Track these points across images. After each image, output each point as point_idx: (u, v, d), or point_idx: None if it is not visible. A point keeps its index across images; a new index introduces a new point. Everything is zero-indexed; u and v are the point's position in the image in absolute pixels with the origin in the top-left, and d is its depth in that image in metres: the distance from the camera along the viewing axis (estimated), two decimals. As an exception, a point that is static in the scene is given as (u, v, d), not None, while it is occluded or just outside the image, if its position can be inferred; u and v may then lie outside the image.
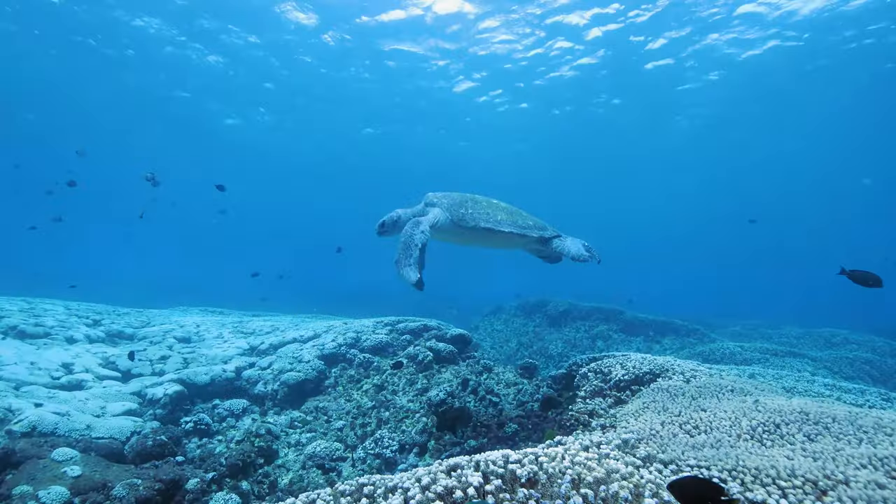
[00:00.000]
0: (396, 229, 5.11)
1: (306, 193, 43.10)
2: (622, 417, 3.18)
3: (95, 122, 26.78)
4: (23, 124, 27.32)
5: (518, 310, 17.62)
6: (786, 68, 19.02)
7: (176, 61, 20.17)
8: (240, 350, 8.02)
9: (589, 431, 3.24)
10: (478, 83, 21.78)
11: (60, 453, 4.49)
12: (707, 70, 19.93)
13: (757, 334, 16.32)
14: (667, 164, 31.82)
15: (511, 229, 5.15)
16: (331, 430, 5.94)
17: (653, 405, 3.19)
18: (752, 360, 10.02)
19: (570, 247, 5.32)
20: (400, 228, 5.02)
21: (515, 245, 5.69)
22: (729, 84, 20.63)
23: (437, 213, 5.08)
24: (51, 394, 5.47)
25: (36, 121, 27.01)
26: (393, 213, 5.28)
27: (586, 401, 3.97)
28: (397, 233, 5.07)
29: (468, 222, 5.07)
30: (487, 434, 5.43)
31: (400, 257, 4.58)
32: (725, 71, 19.80)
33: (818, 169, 31.41)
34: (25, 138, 29.12)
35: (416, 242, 4.62)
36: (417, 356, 7.33)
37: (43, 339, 7.51)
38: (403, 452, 5.33)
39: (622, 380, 4.15)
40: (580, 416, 3.69)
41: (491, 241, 5.51)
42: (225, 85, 22.37)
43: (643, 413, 3.09)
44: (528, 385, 6.80)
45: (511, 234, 5.16)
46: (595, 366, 4.73)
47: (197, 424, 5.80)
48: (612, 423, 3.22)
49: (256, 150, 31.52)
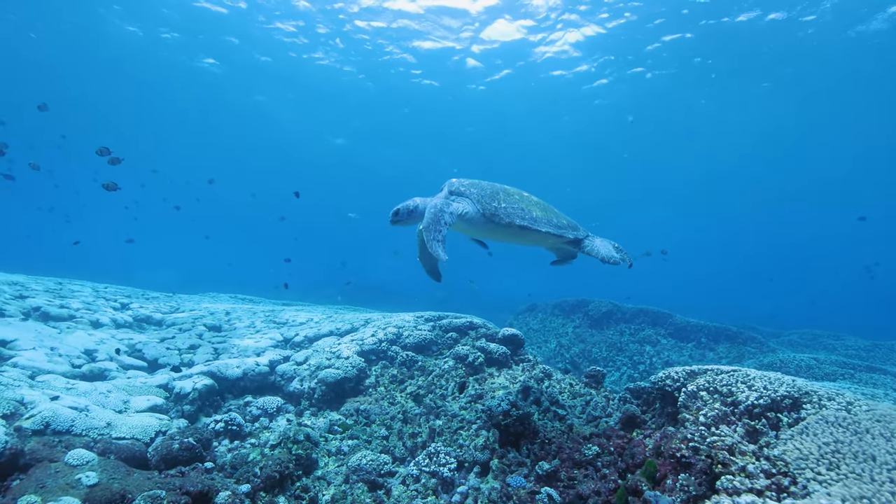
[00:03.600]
0: (412, 219, 4.54)
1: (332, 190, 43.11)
2: (797, 465, 2.35)
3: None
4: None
5: (556, 309, 16.71)
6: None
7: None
8: (273, 342, 7.40)
9: (747, 479, 2.41)
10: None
11: (76, 456, 3.89)
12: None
13: (818, 344, 15.03)
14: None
15: (548, 229, 4.61)
16: (375, 438, 5.24)
17: (838, 449, 2.35)
18: (833, 374, 8.93)
19: (601, 248, 4.83)
20: (416, 219, 4.51)
21: (545, 244, 5.17)
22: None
23: (464, 205, 4.46)
24: (70, 384, 4.91)
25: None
26: (410, 201, 4.59)
27: (712, 430, 3.13)
28: (413, 223, 4.57)
29: (502, 218, 4.47)
30: (559, 454, 4.63)
31: (429, 226, 4.12)
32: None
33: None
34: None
35: (446, 220, 4.16)
36: (467, 357, 6.57)
37: (66, 323, 7.04)
38: (462, 470, 4.58)
39: (755, 404, 3.29)
40: (715, 453, 2.86)
41: (521, 239, 4.96)
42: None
43: (831, 462, 2.25)
44: (596, 396, 5.97)
45: (547, 234, 4.63)
46: (703, 382, 3.88)
47: (228, 425, 5.18)
48: (781, 470, 2.39)
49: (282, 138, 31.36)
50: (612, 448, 4.45)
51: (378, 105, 25.98)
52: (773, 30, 17.13)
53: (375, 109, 26.54)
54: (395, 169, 36.02)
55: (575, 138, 27.98)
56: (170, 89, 24.96)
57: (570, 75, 21.29)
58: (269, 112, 27.66)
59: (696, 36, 17.90)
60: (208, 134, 31.42)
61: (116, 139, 28.86)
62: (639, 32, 17.89)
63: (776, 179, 32.44)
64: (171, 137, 31.79)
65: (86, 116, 27.78)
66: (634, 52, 19.19)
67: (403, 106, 26.18)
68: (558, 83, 21.95)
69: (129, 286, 12.99)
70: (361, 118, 28.16)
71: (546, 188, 37.77)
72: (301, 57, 21.61)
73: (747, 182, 33.53)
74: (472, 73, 21.93)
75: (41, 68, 22.42)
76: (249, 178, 39.80)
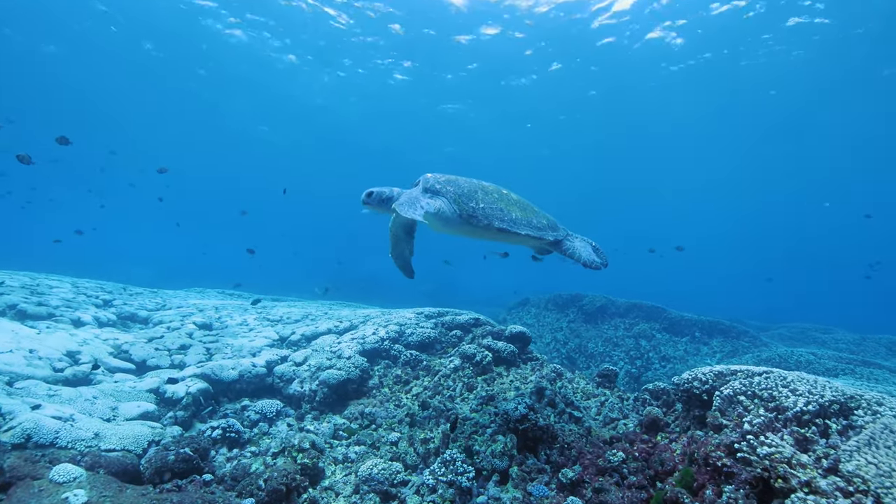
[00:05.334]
0: (383, 207, 4.36)
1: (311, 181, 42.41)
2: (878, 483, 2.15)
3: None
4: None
5: (549, 303, 16.58)
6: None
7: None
8: (269, 341, 7.04)
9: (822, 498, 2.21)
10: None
11: (62, 472, 3.53)
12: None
13: (807, 338, 15.21)
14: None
15: (528, 231, 4.43)
16: (383, 444, 4.96)
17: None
18: (834, 370, 8.93)
19: (581, 251, 4.74)
20: (388, 209, 4.34)
21: (524, 244, 5.01)
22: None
23: (440, 204, 4.23)
24: (52, 391, 4.51)
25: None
26: (387, 188, 4.40)
27: (761, 439, 2.93)
28: (384, 212, 4.41)
29: (480, 220, 4.25)
30: (580, 459, 4.42)
31: (404, 203, 4.02)
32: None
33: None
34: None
35: (422, 205, 4.03)
36: (475, 356, 6.32)
37: (46, 322, 6.57)
38: (480, 478, 4.34)
39: (804, 411, 3.10)
40: (773, 465, 2.65)
41: (499, 239, 4.77)
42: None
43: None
44: (611, 396, 5.78)
45: (527, 237, 4.45)
46: (740, 385, 3.68)
47: (226, 431, 4.84)
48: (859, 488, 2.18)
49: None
50: (637, 453, 4.25)
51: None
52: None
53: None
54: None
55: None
56: (119, 73, 24.08)
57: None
58: (206, 96, 26.77)
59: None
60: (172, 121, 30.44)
61: (73, 128, 28.01)
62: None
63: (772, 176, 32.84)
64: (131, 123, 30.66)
65: (42, 103, 26.74)
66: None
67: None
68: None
69: (105, 280, 12.39)
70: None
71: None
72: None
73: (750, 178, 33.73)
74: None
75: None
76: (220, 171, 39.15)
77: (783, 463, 2.66)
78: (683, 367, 11.95)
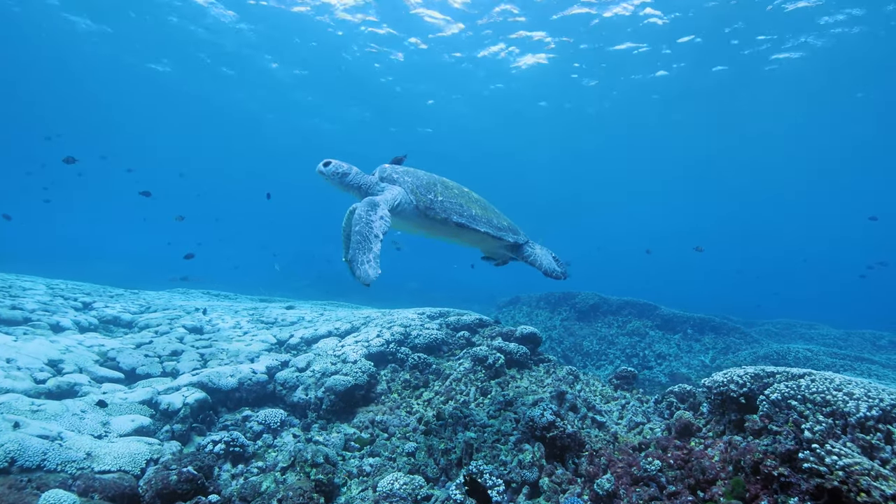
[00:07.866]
0: (336, 180, 3.94)
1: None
2: None
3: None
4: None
5: (541, 301, 16.48)
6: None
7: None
8: (266, 345, 6.64)
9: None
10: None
11: (52, 499, 3.13)
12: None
13: (793, 334, 15.45)
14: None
15: (487, 229, 4.27)
16: (400, 455, 4.66)
17: None
18: (833, 366, 8.99)
19: (542, 259, 4.69)
20: (340, 184, 3.95)
21: (483, 245, 4.87)
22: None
23: (396, 193, 3.92)
24: (35, 405, 4.06)
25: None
26: (347, 165, 3.99)
27: (828, 448, 2.75)
28: (335, 185, 3.98)
29: (438, 213, 4.04)
30: (611, 467, 4.21)
31: (355, 253, 3.44)
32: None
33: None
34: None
35: (377, 232, 3.54)
36: (486, 359, 6.06)
37: (22, 328, 6.04)
38: (509, 491, 4.08)
39: (868, 416, 2.95)
40: (856, 478, 2.47)
41: (457, 238, 4.58)
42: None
43: None
44: (631, 399, 5.60)
45: (486, 235, 4.29)
46: (788, 390, 3.52)
47: (230, 446, 4.47)
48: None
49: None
50: (673, 460, 4.06)
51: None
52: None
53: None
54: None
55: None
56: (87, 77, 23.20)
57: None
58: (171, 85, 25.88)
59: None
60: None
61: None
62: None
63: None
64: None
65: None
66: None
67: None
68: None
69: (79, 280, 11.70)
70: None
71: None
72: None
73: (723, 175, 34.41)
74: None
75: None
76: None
77: (865, 475, 2.47)
78: (679, 364, 11.96)
